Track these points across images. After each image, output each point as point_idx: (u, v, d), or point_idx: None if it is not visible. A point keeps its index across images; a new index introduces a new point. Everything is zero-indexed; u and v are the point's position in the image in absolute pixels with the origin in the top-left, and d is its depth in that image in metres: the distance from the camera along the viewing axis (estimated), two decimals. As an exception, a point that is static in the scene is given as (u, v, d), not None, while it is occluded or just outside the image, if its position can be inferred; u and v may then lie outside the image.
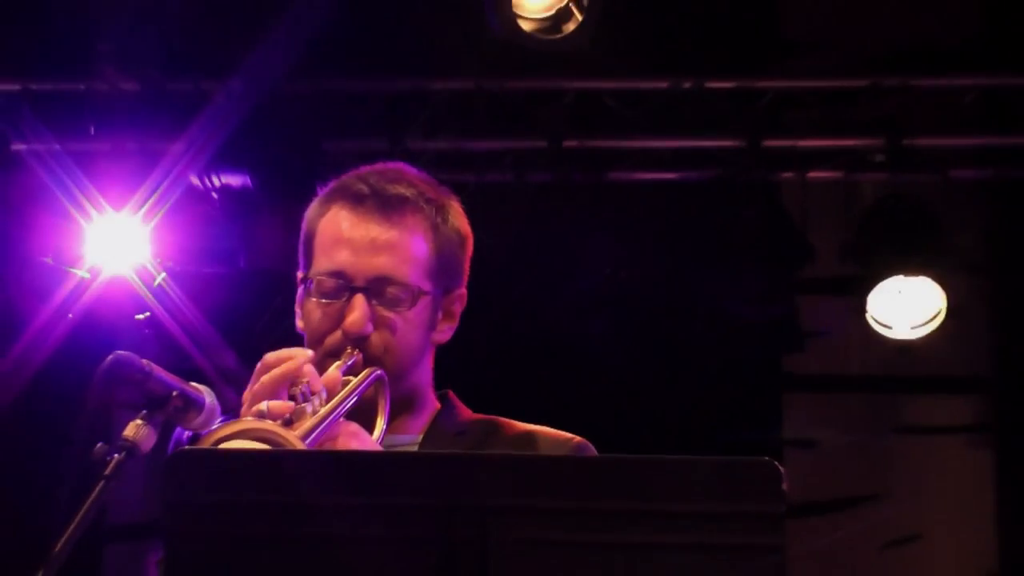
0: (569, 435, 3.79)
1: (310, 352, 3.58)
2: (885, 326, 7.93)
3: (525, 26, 7.32)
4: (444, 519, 2.78)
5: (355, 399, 3.53)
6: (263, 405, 3.42)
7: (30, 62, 7.80)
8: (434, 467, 2.90)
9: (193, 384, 3.45)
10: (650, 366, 8.25)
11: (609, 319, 8.16)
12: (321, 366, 3.61)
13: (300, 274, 3.79)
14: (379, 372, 3.63)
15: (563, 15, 7.30)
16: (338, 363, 3.61)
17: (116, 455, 3.29)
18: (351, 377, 3.59)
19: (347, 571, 2.79)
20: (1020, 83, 7.95)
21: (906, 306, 7.91)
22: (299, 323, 3.78)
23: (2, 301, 7.47)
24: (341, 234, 3.71)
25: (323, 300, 3.70)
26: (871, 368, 8.34)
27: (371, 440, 3.58)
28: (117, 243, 7.51)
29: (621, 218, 8.19)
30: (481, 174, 7.98)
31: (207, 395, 3.44)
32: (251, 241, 7.75)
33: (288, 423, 3.40)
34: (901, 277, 7.85)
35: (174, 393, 3.39)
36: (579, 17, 7.28)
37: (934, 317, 7.90)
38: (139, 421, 3.34)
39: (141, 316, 7.43)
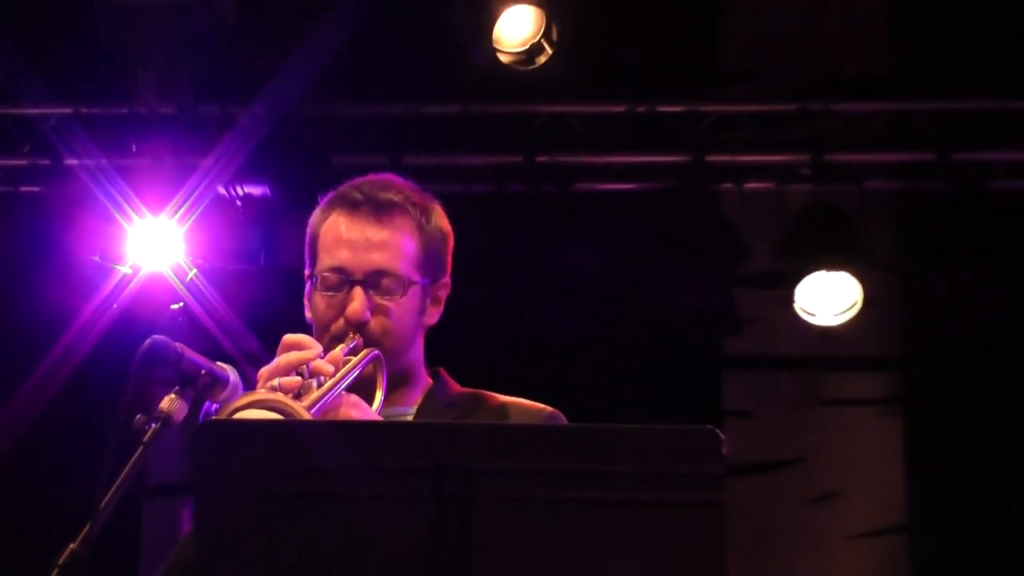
0: (542, 406, 3.81)
1: (319, 346, 3.58)
2: (810, 314, 7.93)
3: (503, 59, 7.33)
4: (435, 479, 2.77)
5: (355, 375, 3.55)
6: (275, 381, 3.42)
7: (81, 89, 7.78)
8: (427, 434, 2.90)
9: (219, 364, 3.46)
10: (610, 348, 8.24)
11: (575, 308, 8.16)
12: (328, 349, 3.62)
13: (307, 271, 3.78)
14: (376, 352, 3.64)
15: (535, 50, 7.31)
16: (342, 346, 3.61)
17: (153, 425, 3.29)
18: (352, 357, 3.59)
19: (350, 525, 2.80)
20: (921, 108, 7.95)
21: (828, 297, 7.91)
22: (308, 314, 3.80)
23: (56, 294, 7.44)
24: (340, 235, 3.72)
25: (327, 293, 3.72)
26: (798, 350, 8.34)
27: (370, 410, 3.58)
28: (155, 244, 7.50)
29: (585, 223, 8.18)
30: (467, 185, 7.97)
31: (231, 373, 3.46)
32: (270, 242, 7.73)
33: (297, 396, 3.40)
34: (823, 272, 7.84)
35: (203, 371, 3.40)
36: (549, 51, 7.30)
37: (852, 306, 7.90)
38: (173, 395, 3.35)
39: (176, 306, 7.41)
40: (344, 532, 2.78)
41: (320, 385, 3.45)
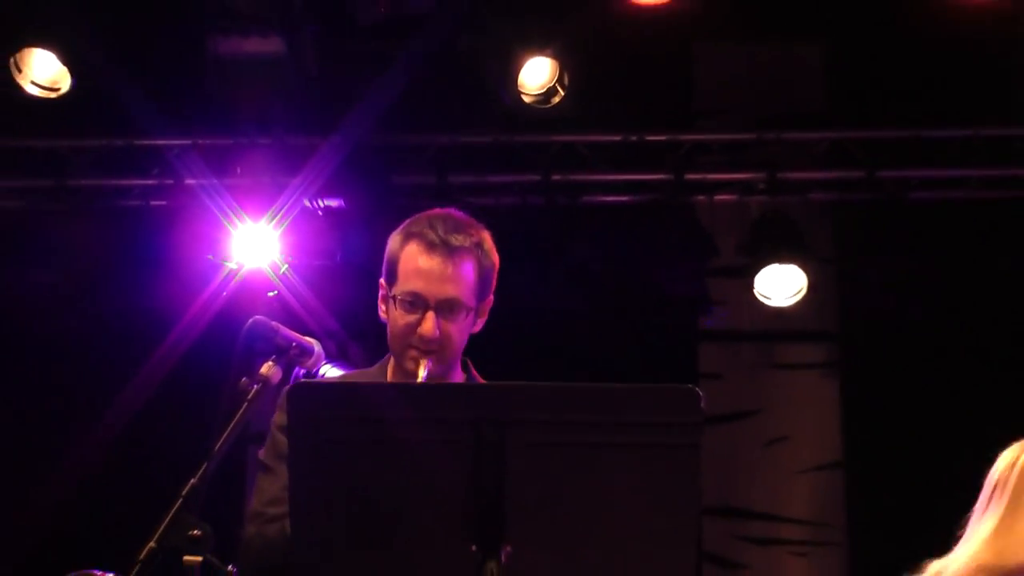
0: None
1: None
2: (766, 297, 7.91)
3: (526, 99, 7.32)
4: (475, 428, 2.76)
5: None
6: None
7: (197, 125, 7.79)
8: (469, 393, 2.90)
9: (307, 338, 3.45)
10: (609, 326, 8.22)
11: (582, 296, 8.14)
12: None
13: (383, 282, 3.77)
14: None
15: (551, 92, 7.30)
16: (422, 373, 3.64)
17: (255, 386, 3.29)
18: None
19: (408, 464, 2.78)
20: (853, 136, 7.94)
21: (780, 284, 7.89)
22: (382, 315, 3.78)
23: (178, 284, 7.45)
24: (420, 267, 3.68)
25: (403, 312, 3.68)
26: (757, 325, 8.32)
27: None
28: (255, 245, 7.50)
29: (590, 227, 8.17)
30: (497, 198, 7.96)
31: (316, 345, 3.47)
32: (344, 244, 7.72)
33: None
34: (777, 265, 7.82)
35: (294, 344, 3.41)
36: (562, 93, 7.29)
37: (799, 291, 7.87)
38: (270, 363, 3.36)
39: (272, 294, 7.42)
40: (403, 470, 2.77)
41: None
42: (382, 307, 3.77)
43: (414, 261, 3.70)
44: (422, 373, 3.64)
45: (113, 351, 7.53)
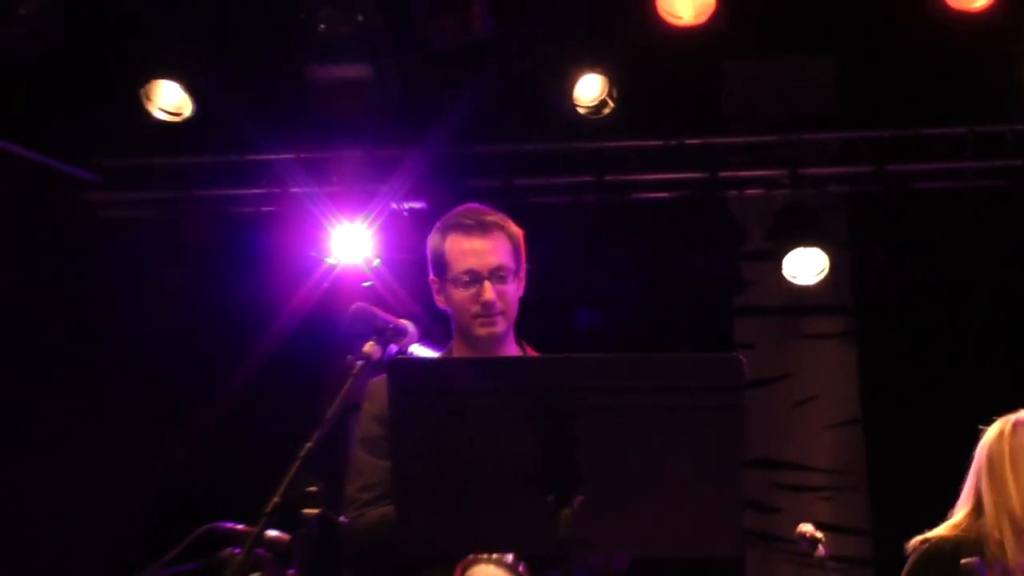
0: None
1: None
2: (793, 276, 7.86)
3: (580, 111, 7.31)
4: (548, 395, 2.76)
5: None
6: None
7: (300, 140, 7.84)
8: (542, 365, 2.90)
9: (400, 320, 3.47)
10: (657, 305, 8.19)
11: (631, 280, 8.12)
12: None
13: (434, 278, 3.80)
14: None
15: (602, 104, 7.28)
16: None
17: (359, 362, 3.30)
18: None
19: (485, 428, 2.78)
20: (863, 136, 7.88)
21: (804, 265, 7.84)
22: (440, 305, 3.80)
23: (286, 278, 7.51)
24: (465, 249, 3.72)
25: (463, 289, 3.70)
26: (785, 301, 8.25)
27: None
28: (351, 243, 7.53)
29: (638, 220, 8.14)
30: (557, 197, 7.95)
31: (409, 326, 3.49)
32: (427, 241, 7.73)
33: None
34: (801, 248, 7.79)
35: (390, 326, 3.42)
36: (612, 105, 7.27)
37: (821, 271, 7.83)
38: (371, 342, 3.36)
39: (366, 284, 7.45)
40: (485, 432, 2.78)
41: None
42: (439, 298, 3.80)
43: (460, 245, 3.73)
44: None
45: (231, 335, 7.59)
